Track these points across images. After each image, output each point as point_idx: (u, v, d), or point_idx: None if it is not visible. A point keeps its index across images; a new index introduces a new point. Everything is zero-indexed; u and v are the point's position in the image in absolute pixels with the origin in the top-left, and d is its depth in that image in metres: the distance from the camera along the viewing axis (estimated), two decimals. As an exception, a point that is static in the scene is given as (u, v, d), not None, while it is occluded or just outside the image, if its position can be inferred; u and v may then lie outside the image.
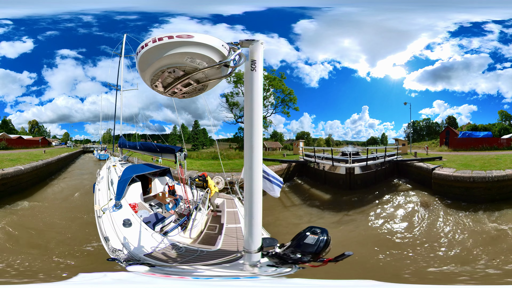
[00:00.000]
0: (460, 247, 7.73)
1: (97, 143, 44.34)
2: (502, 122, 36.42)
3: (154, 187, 9.06)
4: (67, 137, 50.58)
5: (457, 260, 6.98)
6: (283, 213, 11.69)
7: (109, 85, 19.34)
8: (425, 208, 11.21)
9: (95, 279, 2.43)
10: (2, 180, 12.59)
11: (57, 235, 8.25)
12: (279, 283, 2.38)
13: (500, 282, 5.94)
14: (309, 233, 2.63)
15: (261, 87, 2.49)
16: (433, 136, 43.11)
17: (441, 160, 16.41)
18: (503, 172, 11.91)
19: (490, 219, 9.59)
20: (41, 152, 26.32)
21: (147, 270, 3.08)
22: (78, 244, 7.44)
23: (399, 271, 6.57)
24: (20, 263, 6.38)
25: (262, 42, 2.45)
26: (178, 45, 2.15)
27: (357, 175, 15.49)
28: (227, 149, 37.04)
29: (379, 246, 7.94)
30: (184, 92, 2.51)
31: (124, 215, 5.65)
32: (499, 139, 27.92)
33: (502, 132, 33.21)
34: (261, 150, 2.57)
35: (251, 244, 2.59)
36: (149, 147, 9.86)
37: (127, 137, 15.25)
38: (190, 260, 4.13)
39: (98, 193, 7.59)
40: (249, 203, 2.57)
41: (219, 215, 7.11)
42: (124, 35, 16.14)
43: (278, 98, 36.24)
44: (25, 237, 8.10)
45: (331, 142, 46.62)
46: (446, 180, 12.49)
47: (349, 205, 12.38)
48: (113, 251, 4.35)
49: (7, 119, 41.49)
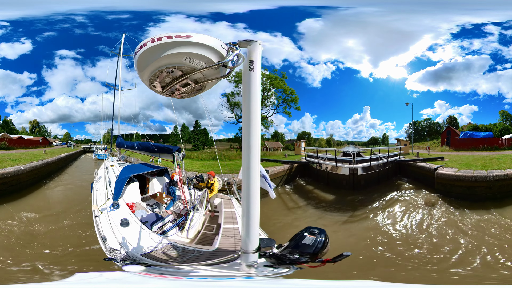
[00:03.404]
0: (465, 243, 7.86)
1: (98, 143, 44.41)
2: (503, 122, 36.41)
3: (152, 187, 9.05)
4: (67, 137, 50.73)
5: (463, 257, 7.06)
6: (286, 215, 11.66)
7: (108, 85, 19.33)
8: (429, 207, 11.40)
9: (91, 279, 2.43)
10: (2, 179, 12.71)
11: (56, 235, 8.26)
12: (275, 284, 2.37)
13: (500, 282, 5.94)
14: (307, 234, 2.62)
15: (259, 87, 2.49)
16: (434, 136, 43.11)
17: (443, 160, 16.55)
18: (504, 171, 12.19)
19: (492, 215, 9.82)
20: (41, 152, 26.36)
21: (143, 270, 3.07)
22: (76, 243, 7.45)
23: (404, 271, 6.57)
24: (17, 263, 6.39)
25: (260, 42, 2.45)
26: (176, 45, 2.14)
27: (360, 175, 15.51)
28: (227, 149, 36.96)
29: (385, 246, 7.97)
30: (182, 92, 2.50)
31: (121, 214, 5.64)
32: (500, 139, 27.89)
33: (503, 132, 33.20)
34: (259, 150, 2.57)
35: (248, 245, 2.59)
36: (147, 147, 9.81)
37: (128, 137, 15.21)
38: (187, 260, 4.12)
39: (95, 192, 7.58)
40: (246, 203, 2.57)
41: (217, 215, 7.11)
42: (122, 34, 16.11)
43: (279, 98, 36.26)
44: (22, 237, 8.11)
45: (332, 142, 46.58)
46: (449, 179, 12.69)
47: (354, 205, 12.41)
48: (110, 250, 4.34)
49: (8, 119, 41.69)
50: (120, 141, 13.14)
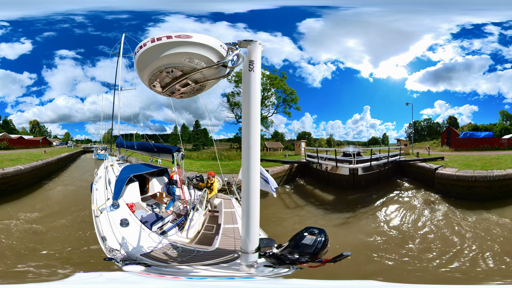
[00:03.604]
0: (465, 243, 7.87)
1: (98, 143, 44.43)
2: (503, 122, 36.43)
3: (152, 187, 9.05)
4: (68, 137, 50.75)
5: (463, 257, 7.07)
6: (286, 215, 11.66)
7: (107, 85, 19.31)
8: (429, 207, 11.43)
9: (90, 279, 2.43)
10: (2, 179, 12.74)
11: (56, 235, 8.26)
12: (275, 284, 2.37)
13: (500, 282, 5.94)
14: (307, 234, 2.62)
15: (259, 87, 2.49)
16: (434, 136, 43.13)
17: (443, 160, 16.59)
18: (504, 171, 12.23)
19: (492, 215, 9.83)
20: (41, 152, 26.37)
21: (143, 270, 3.07)
22: (76, 243, 7.45)
23: (404, 270, 6.57)
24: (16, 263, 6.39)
25: (260, 42, 2.45)
26: (176, 45, 2.14)
27: (360, 175, 15.53)
28: (228, 149, 36.95)
29: (385, 245, 7.98)
30: (182, 92, 2.50)
31: (121, 214, 5.64)
32: (500, 139, 27.90)
33: (503, 132, 33.21)
34: (259, 150, 2.57)
35: (248, 245, 2.59)
36: (146, 147, 9.80)
37: (128, 137, 15.20)
38: (187, 260, 4.12)
39: (95, 192, 7.58)
40: (246, 203, 2.57)
41: (217, 215, 7.10)
42: (122, 34, 16.10)
43: (279, 98, 36.25)
44: (22, 237, 8.11)
45: (332, 142, 46.59)
46: (449, 179, 12.73)
47: (354, 205, 12.41)
48: (110, 250, 4.34)
49: (8, 119, 41.72)
50: (120, 141, 13.14)
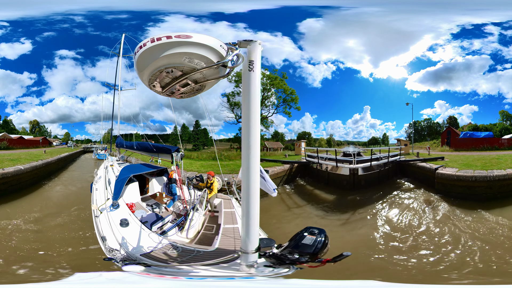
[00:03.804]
0: (465, 243, 7.87)
1: (98, 143, 44.45)
2: (503, 122, 36.44)
3: (152, 187, 9.05)
4: (68, 137, 50.76)
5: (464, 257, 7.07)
6: (286, 215, 11.65)
7: (107, 85, 19.30)
8: (429, 207, 11.44)
9: (90, 279, 2.43)
10: (2, 179, 12.74)
11: (56, 235, 8.26)
12: (275, 284, 2.37)
13: (500, 282, 5.94)
14: (307, 234, 2.62)
15: (258, 87, 2.48)
16: (434, 136, 43.14)
17: (443, 160, 16.59)
18: (504, 171, 12.24)
19: (492, 215, 9.84)
20: (41, 152, 26.37)
21: (142, 270, 3.07)
22: (76, 243, 7.45)
23: (405, 270, 6.57)
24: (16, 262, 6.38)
25: (260, 42, 2.45)
26: (176, 45, 2.14)
27: (360, 175, 15.53)
28: (228, 149, 36.96)
29: (385, 245, 7.98)
30: (182, 92, 2.50)
31: (121, 214, 5.64)
32: (500, 139, 27.90)
33: (503, 132, 33.21)
34: (259, 150, 2.57)
35: (248, 245, 2.59)
36: (145, 147, 9.80)
37: (127, 137, 15.21)
38: (187, 260, 4.12)
39: (95, 192, 7.58)
40: (246, 203, 2.57)
41: (217, 215, 7.11)
42: (122, 34, 16.09)
43: (279, 98, 36.25)
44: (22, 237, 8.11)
45: (332, 142, 46.59)
46: (449, 179, 12.75)
47: (354, 205, 12.42)
48: (110, 250, 4.34)
49: (8, 119, 41.73)
50: (120, 141, 13.16)
